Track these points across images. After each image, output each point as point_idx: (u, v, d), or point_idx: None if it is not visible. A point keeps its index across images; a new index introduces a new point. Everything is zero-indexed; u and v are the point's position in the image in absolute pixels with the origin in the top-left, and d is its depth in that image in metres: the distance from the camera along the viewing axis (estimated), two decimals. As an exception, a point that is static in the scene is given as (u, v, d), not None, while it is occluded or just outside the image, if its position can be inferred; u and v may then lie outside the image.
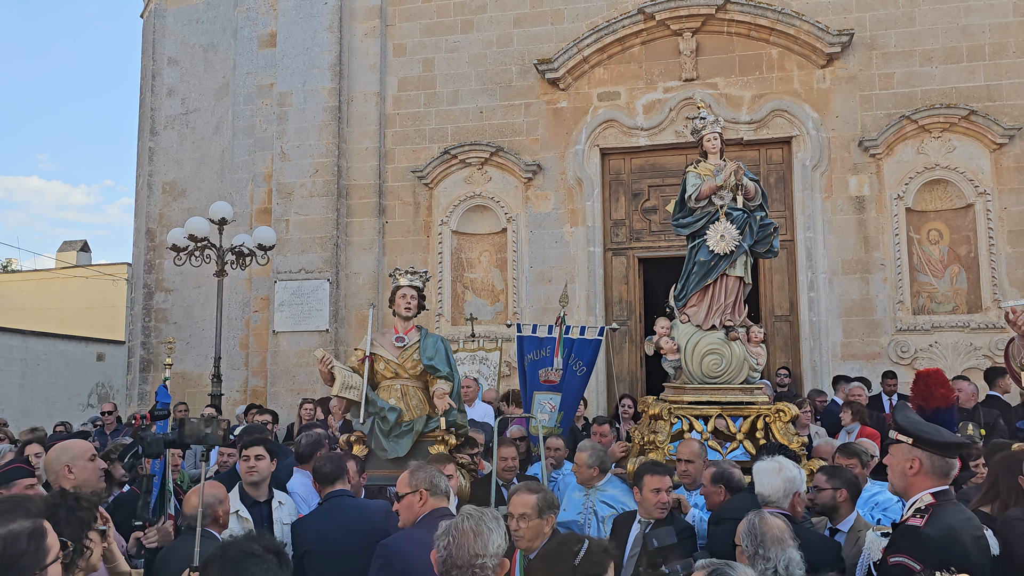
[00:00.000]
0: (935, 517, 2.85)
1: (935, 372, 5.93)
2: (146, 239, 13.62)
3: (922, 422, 3.08)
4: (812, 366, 10.41)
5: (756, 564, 2.92)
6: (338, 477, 4.23)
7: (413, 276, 5.77)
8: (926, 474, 2.97)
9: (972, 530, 2.87)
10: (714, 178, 5.99)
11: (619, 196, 11.49)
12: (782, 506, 3.74)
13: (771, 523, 3.04)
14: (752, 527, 3.04)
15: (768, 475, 3.73)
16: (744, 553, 3.00)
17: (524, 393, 7.20)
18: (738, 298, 6.02)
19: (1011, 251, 10.05)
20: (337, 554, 3.91)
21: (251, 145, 12.55)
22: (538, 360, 7.04)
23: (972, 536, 2.83)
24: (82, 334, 20.32)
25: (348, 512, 4.09)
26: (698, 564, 2.47)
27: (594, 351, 7.21)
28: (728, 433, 5.77)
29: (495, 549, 2.34)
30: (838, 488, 4.17)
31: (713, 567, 2.39)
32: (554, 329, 7.04)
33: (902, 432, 3.05)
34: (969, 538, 2.80)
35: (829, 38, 10.51)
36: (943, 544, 2.45)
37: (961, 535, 2.75)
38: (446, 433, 5.39)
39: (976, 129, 10.20)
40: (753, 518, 3.09)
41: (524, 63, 11.61)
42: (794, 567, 2.94)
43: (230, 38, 13.24)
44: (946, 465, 2.97)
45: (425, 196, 11.84)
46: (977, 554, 2.77)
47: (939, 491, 2.96)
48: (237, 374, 12.21)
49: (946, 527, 2.80)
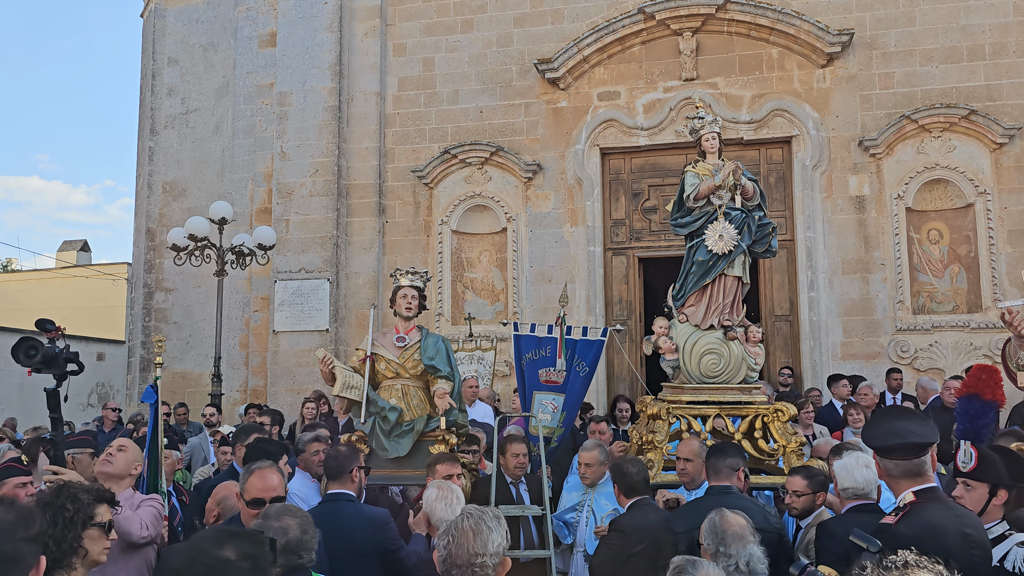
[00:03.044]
0: (912, 515, 2.90)
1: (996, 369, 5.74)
2: (146, 239, 13.63)
3: (885, 432, 3.10)
4: (812, 366, 10.41)
5: (719, 561, 3.03)
6: (337, 476, 4.16)
7: (414, 276, 5.77)
8: (899, 477, 3.04)
9: (960, 526, 2.87)
10: (712, 178, 5.99)
11: (619, 196, 11.50)
12: (872, 498, 3.78)
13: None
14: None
15: (858, 470, 3.76)
16: (707, 551, 3.11)
17: (522, 392, 7.16)
18: (736, 298, 6.01)
19: (1011, 251, 10.05)
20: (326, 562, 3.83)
21: (251, 145, 12.56)
22: (537, 360, 6.99)
23: (959, 532, 2.82)
24: (82, 334, 20.32)
25: (343, 520, 3.96)
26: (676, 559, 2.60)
27: (597, 352, 7.17)
28: (726, 433, 5.77)
29: (495, 548, 2.34)
30: (817, 492, 4.26)
31: (677, 565, 2.50)
32: (554, 329, 6.99)
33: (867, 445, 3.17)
34: (955, 534, 2.81)
35: (829, 38, 10.51)
36: (917, 540, 2.47)
37: (943, 532, 2.76)
38: (447, 433, 5.40)
39: (976, 129, 10.20)
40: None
41: (524, 63, 11.62)
42: (755, 562, 3.04)
43: (230, 38, 13.24)
44: (913, 466, 3.02)
45: (425, 196, 11.84)
46: (962, 549, 2.77)
47: (921, 489, 3.00)
48: (237, 374, 12.22)
49: (923, 524, 2.83)
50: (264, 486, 3.45)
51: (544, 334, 7.05)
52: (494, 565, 2.33)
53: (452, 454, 5.06)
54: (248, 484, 3.50)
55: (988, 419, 5.00)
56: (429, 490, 3.99)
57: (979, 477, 3.30)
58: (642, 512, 4.15)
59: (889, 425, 3.13)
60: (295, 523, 2.86)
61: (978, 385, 4.95)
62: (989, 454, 3.38)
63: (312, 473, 5.36)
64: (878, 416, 3.37)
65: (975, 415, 4.19)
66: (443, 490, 3.93)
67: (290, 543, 2.79)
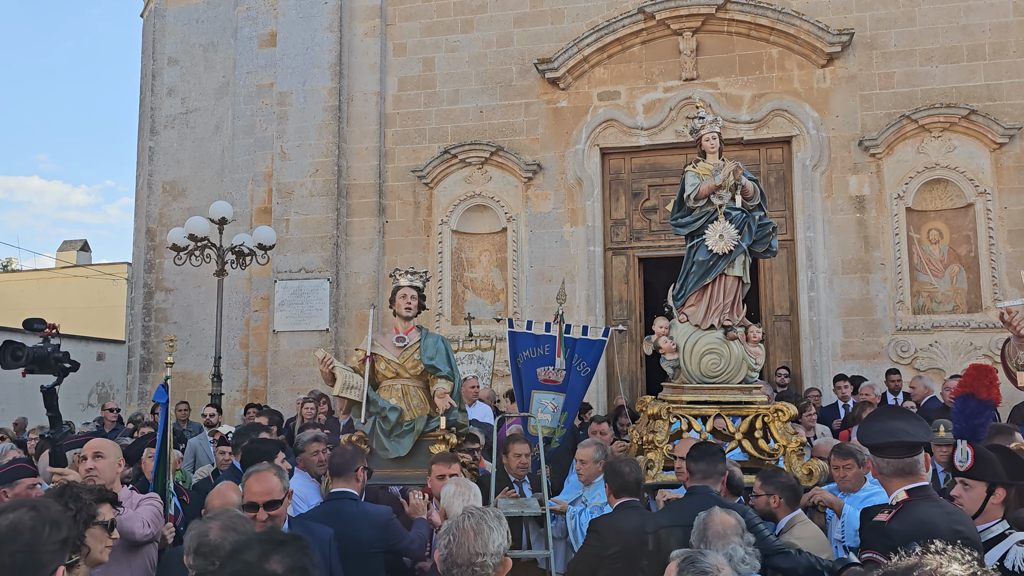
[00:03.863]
0: (904, 513, 2.95)
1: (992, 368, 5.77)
2: (146, 239, 13.63)
3: (879, 430, 3.16)
4: (812, 366, 10.41)
5: None
6: (343, 473, 4.16)
7: (413, 276, 5.78)
8: (891, 475, 3.09)
9: (951, 523, 2.90)
10: (713, 178, 5.99)
11: (619, 196, 11.50)
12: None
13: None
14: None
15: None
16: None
17: (518, 391, 7.09)
18: (736, 298, 6.01)
19: (1011, 251, 10.05)
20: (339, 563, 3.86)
21: (251, 145, 12.55)
22: (535, 358, 6.90)
23: (951, 530, 2.84)
24: (82, 334, 20.32)
25: (347, 520, 3.97)
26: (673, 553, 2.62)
27: (598, 352, 7.11)
28: (727, 433, 5.77)
29: (495, 548, 2.35)
30: (771, 494, 4.27)
31: (686, 554, 2.54)
32: (553, 327, 6.92)
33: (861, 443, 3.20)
34: (947, 531, 2.81)
35: (829, 38, 10.51)
36: (909, 537, 2.49)
37: (935, 529, 2.77)
38: (447, 432, 5.40)
39: (976, 129, 10.20)
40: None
41: (524, 63, 11.62)
42: (736, 562, 3.08)
43: (230, 37, 13.24)
44: (908, 465, 3.07)
45: (425, 196, 11.84)
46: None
47: (913, 488, 3.04)
48: (237, 374, 12.22)
49: (915, 521, 2.87)
50: (261, 489, 3.40)
51: (542, 332, 6.97)
52: (494, 565, 2.33)
53: (449, 454, 5.06)
54: (245, 488, 3.48)
55: (984, 418, 5.01)
56: (447, 486, 4.01)
57: (977, 476, 3.32)
58: (625, 515, 4.10)
59: (883, 424, 3.17)
60: (217, 526, 2.88)
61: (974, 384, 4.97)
62: (986, 453, 3.40)
63: (312, 473, 5.36)
64: (873, 416, 3.40)
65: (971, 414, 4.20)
66: (461, 486, 3.93)
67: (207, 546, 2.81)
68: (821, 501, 4.63)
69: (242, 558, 1.99)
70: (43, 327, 3.69)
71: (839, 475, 4.76)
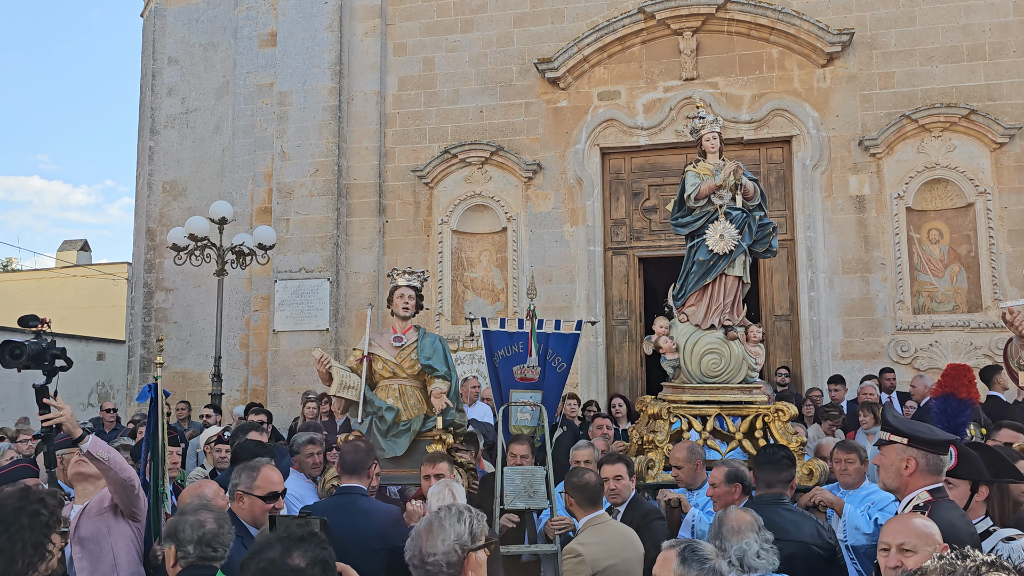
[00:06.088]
0: (934, 514, 2.90)
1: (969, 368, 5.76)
2: (146, 238, 13.62)
3: (914, 421, 3.16)
4: (812, 365, 10.40)
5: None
6: (356, 471, 4.14)
7: (411, 276, 5.77)
8: (921, 473, 3.03)
9: (967, 526, 2.92)
10: (713, 177, 5.99)
11: (619, 195, 11.49)
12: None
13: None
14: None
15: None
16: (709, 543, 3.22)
17: (495, 391, 6.96)
18: (737, 297, 6.01)
19: (1011, 250, 10.05)
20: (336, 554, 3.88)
21: (251, 144, 12.55)
22: (510, 356, 6.66)
23: (968, 532, 2.86)
24: (82, 333, 20.32)
25: (356, 514, 3.97)
26: (669, 543, 2.68)
27: (572, 346, 6.96)
28: (727, 433, 5.76)
29: (446, 547, 2.38)
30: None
31: (685, 543, 2.62)
32: (525, 323, 6.76)
33: (895, 432, 3.11)
34: (966, 534, 2.84)
35: (829, 37, 10.50)
36: (947, 538, 2.50)
37: (957, 531, 2.78)
38: (443, 432, 5.39)
39: (976, 128, 10.19)
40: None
41: (524, 62, 11.61)
42: (749, 557, 3.13)
43: (230, 37, 13.23)
44: (940, 462, 3.05)
45: (425, 195, 11.84)
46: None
47: (934, 488, 3.02)
48: (237, 373, 12.21)
49: (946, 523, 2.84)
50: (279, 479, 3.75)
51: (515, 329, 6.81)
52: (449, 563, 2.36)
53: (437, 453, 5.01)
54: (266, 479, 3.70)
55: (965, 417, 5.04)
56: (433, 487, 4.01)
57: (960, 475, 3.33)
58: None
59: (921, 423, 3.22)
60: (211, 517, 2.98)
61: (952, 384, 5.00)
62: (968, 452, 3.41)
63: (307, 474, 5.35)
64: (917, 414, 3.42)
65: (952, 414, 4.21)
66: (442, 487, 3.95)
67: (206, 536, 2.91)
68: (822, 501, 4.62)
69: (265, 556, 2.06)
70: (37, 323, 3.71)
71: (840, 469, 4.79)
